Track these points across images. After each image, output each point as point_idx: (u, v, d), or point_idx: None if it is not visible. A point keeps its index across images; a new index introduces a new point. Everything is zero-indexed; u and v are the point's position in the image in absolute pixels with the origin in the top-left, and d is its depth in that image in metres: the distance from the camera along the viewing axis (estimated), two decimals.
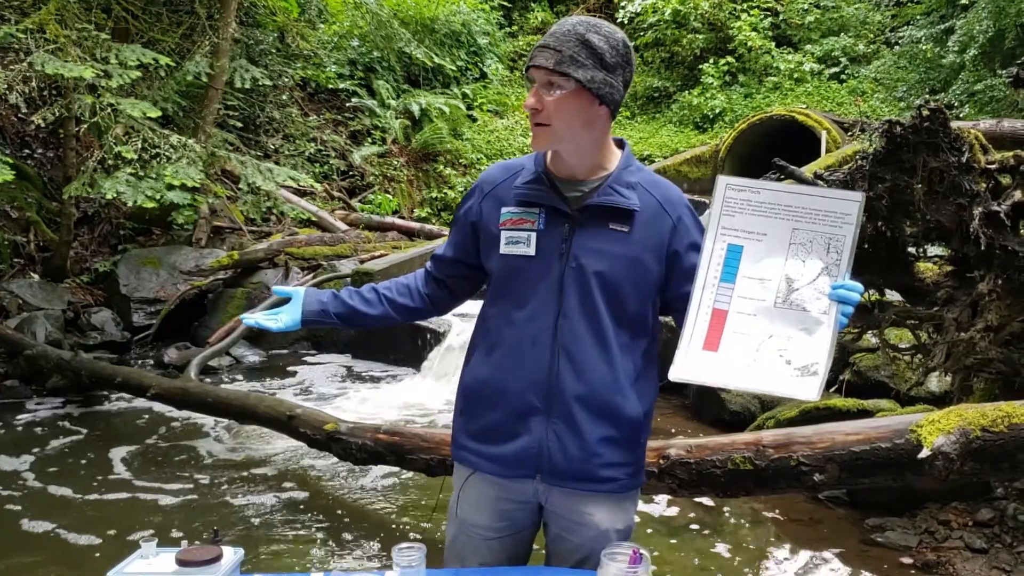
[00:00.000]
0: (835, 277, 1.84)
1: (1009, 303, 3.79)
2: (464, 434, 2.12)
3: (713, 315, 1.87)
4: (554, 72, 1.90)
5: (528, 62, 1.95)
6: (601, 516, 2.04)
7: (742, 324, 1.85)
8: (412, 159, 13.25)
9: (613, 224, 1.98)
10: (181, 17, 10.34)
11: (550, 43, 1.92)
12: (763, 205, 1.88)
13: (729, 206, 1.89)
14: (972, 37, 10.91)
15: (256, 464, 5.52)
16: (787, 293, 1.85)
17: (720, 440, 3.41)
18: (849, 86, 13.66)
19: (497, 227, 2.05)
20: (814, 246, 1.85)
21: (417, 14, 14.26)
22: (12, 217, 9.09)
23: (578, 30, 1.92)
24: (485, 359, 2.08)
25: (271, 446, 5.79)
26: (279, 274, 9.24)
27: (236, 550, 2.09)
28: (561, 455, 1.99)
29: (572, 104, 1.92)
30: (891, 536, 4.26)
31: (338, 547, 4.33)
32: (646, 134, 14.33)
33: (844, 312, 1.84)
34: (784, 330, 1.84)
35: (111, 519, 4.66)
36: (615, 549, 1.84)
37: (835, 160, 8.95)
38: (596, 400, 1.98)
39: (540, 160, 2.07)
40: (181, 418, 6.39)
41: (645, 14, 15.09)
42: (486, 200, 2.10)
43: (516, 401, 2.01)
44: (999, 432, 2.83)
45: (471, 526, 2.12)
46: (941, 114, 3.56)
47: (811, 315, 1.84)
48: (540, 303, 1.99)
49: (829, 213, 1.85)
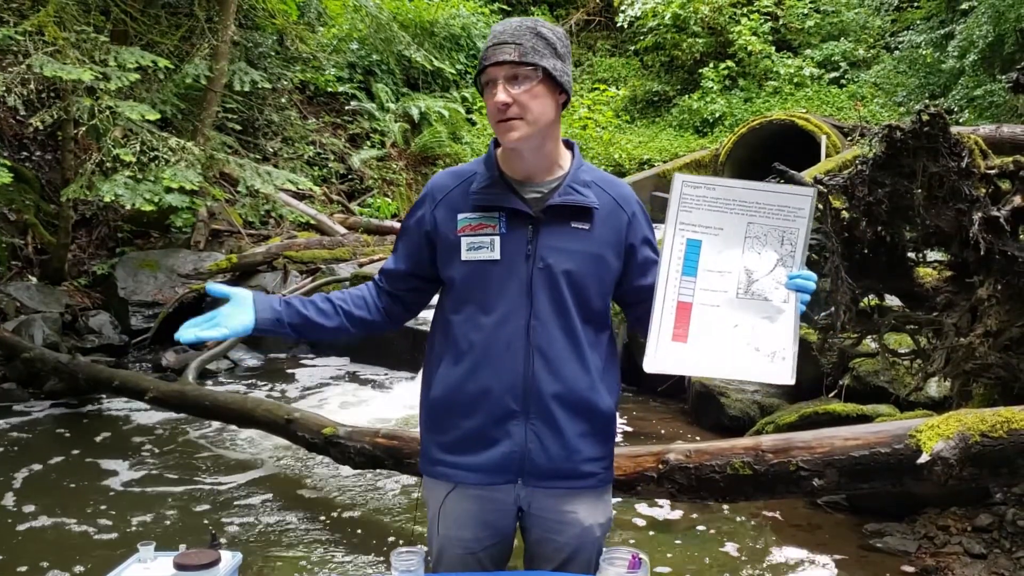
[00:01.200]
0: (790, 268, 1.95)
1: (1008, 308, 3.78)
2: (437, 448, 2.08)
3: (678, 308, 1.95)
4: (521, 64, 1.90)
5: (484, 62, 1.94)
6: (584, 512, 2.06)
7: (707, 315, 1.95)
8: (411, 162, 13.25)
9: (575, 223, 2.01)
10: (180, 20, 10.35)
11: (507, 39, 1.92)
12: (718, 201, 1.96)
13: (686, 202, 1.97)
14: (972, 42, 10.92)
15: (254, 468, 5.51)
16: (748, 284, 1.95)
17: (719, 445, 3.40)
18: (849, 91, 13.67)
19: (455, 234, 2.01)
20: (769, 239, 1.95)
21: (417, 17, 14.27)
22: (10, 220, 9.09)
23: (527, 24, 1.96)
24: (452, 368, 2.03)
25: (269, 450, 5.77)
26: (277, 277, 9.24)
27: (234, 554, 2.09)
28: (543, 456, 2.00)
29: (542, 92, 1.94)
30: (890, 541, 4.25)
31: (336, 551, 4.32)
32: (646, 138, 14.33)
33: (802, 300, 1.95)
34: (749, 319, 1.94)
35: (108, 523, 4.65)
36: (614, 554, 1.84)
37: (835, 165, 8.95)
38: (572, 398, 2.01)
39: (492, 163, 2.06)
40: (179, 422, 6.38)
41: (645, 18, 15.09)
42: (439, 208, 2.05)
43: (493, 406, 1.99)
44: (998, 437, 2.82)
45: (456, 541, 2.09)
46: (941, 119, 3.55)
47: (773, 304, 1.94)
48: (510, 306, 1.98)
49: (783, 208, 1.95)
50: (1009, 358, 3.82)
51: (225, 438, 6.10)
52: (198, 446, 5.98)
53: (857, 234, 3.83)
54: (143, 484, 5.24)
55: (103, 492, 5.11)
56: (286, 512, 4.81)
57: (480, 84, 1.98)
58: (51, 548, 4.35)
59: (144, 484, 5.24)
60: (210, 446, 5.98)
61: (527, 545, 2.15)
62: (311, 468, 5.44)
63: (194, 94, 10.07)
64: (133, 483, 5.27)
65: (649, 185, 11.72)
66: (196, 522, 4.66)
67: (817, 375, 5.46)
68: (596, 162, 12.93)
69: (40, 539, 4.46)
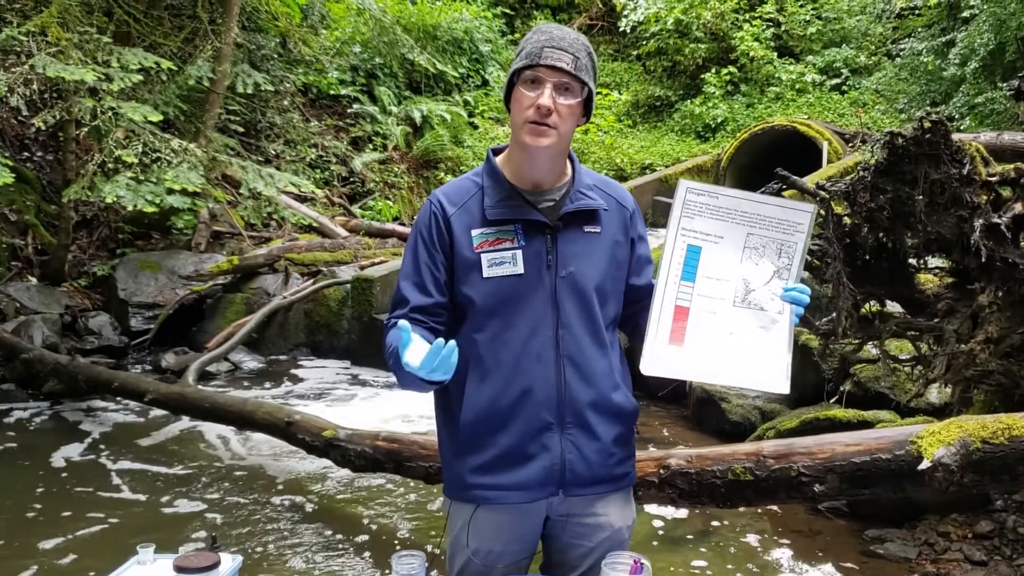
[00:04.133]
0: (786, 280, 1.99)
1: (1009, 315, 3.79)
2: (471, 472, 1.99)
3: (676, 311, 1.97)
4: (574, 77, 1.89)
5: (536, 60, 1.88)
6: (614, 515, 2.07)
7: (704, 321, 1.97)
8: (413, 166, 13.25)
9: (587, 227, 2.02)
10: (183, 21, 10.37)
11: (565, 47, 1.89)
12: (720, 210, 1.99)
13: (689, 209, 1.99)
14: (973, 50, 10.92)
15: (254, 470, 5.50)
16: (745, 293, 1.98)
17: (720, 450, 3.40)
18: (850, 97, 13.68)
19: (472, 251, 1.96)
20: (766, 250, 1.99)
21: (420, 21, 14.27)
22: (10, 220, 9.08)
23: (582, 39, 1.95)
24: (480, 386, 1.97)
25: (269, 452, 5.77)
26: (278, 279, 9.23)
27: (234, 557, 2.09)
28: (583, 464, 2.00)
29: (577, 111, 1.95)
30: (890, 548, 4.24)
31: (337, 554, 4.31)
32: (648, 143, 14.33)
33: (797, 313, 1.98)
34: (744, 328, 1.97)
35: (107, 525, 4.65)
36: (616, 558, 1.83)
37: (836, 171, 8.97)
38: (605, 402, 2.01)
39: (498, 175, 2.01)
40: (178, 424, 6.37)
41: (648, 23, 15.11)
42: (452, 227, 1.98)
43: (530, 419, 1.96)
44: (999, 444, 2.82)
45: (485, 554, 2.02)
46: (943, 126, 3.56)
47: (768, 314, 1.98)
48: (537, 318, 1.95)
49: (783, 221, 1.99)
50: (1010, 365, 3.83)
51: (225, 440, 6.10)
52: (198, 448, 5.98)
53: (859, 240, 3.83)
54: (142, 485, 5.23)
55: (102, 493, 5.11)
56: (287, 514, 4.80)
57: (515, 74, 1.92)
58: (49, 550, 4.34)
59: (144, 485, 5.23)
60: (211, 448, 5.98)
61: (550, 553, 2.12)
62: (311, 471, 5.43)
63: (196, 96, 10.07)
64: (132, 484, 5.26)
65: (651, 189, 11.74)
66: (196, 524, 4.65)
67: (818, 381, 5.46)
68: (598, 166, 12.94)
69: (37, 540, 4.45)
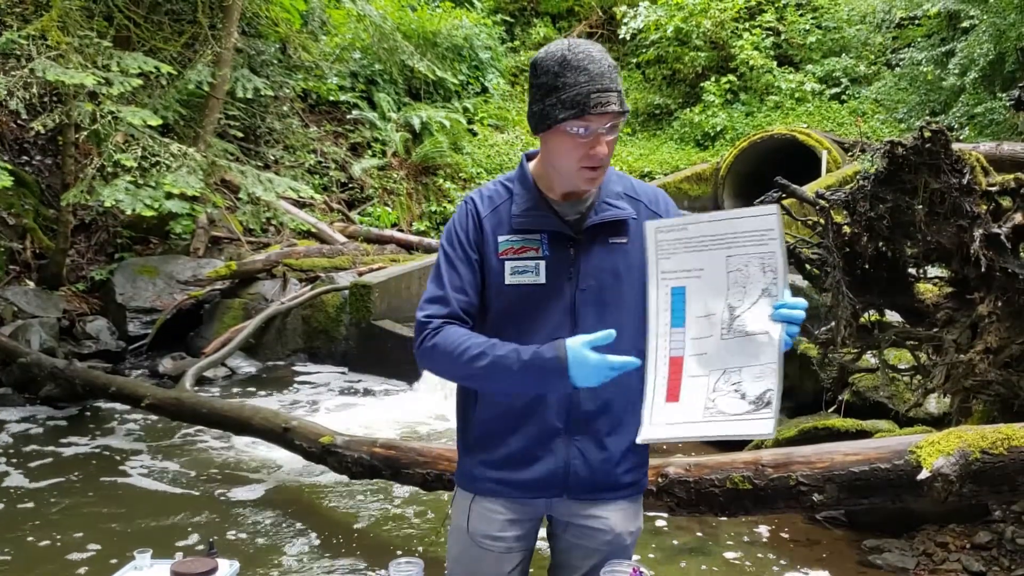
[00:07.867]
0: (776, 296, 1.80)
1: (1009, 325, 3.79)
2: (482, 466, 2.05)
3: (671, 364, 1.84)
4: (621, 114, 1.87)
5: (587, 109, 1.81)
6: (616, 520, 2.05)
7: (697, 367, 1.82)
8: (412, 172, 13.25)
9: (612, 239, 1.99)
10: (183, 26, 10.37)
11: (609, 85, 1.83)
12: (692, 240, 1.85)
13: (663, 249, 1.86)
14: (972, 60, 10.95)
15: (252, 476, 5.49)
16: (730, 322, 1.82)
17: (719, 459, 3.39)
18: (850, 106, 13.70)
19: (497, 257, 1.97)
20: (751, 268, 1.82)
21: (420, 28, 14.29)
22: (9, 224, 9.08)
23: (609, 60, 1.88)
24: None
25: (267, 458, 5.75)
26: (276, 285, 9.22)
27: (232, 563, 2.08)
28: (587, 471, 1.99)
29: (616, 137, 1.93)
30: (888, 558, 4.23)
31: (334, 561, 4.30)
32: (647, 151, 14.35)
33: (790, 332, 1.80)
34: (734, 362, 1.81)
35: (104, 530, 4.63)
36: (616, 566, 1.82)
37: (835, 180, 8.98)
38: (616, 412, 1.99)
39: (530, 183, 2.01)
40: (175, 429, 6.36)
41: (647, 31, 15.14)
42: (483, 231, 1.99)
43: (541, 424, 1.97)
44: (998, 454, 2.82)
45: (482, 538, 2.06)
46: (943, 136, 3.56)
47: (755, 340, 1.80)
48: (553, 328, 1.94)
49: (753, 232, 1.82)
50: (1009, 375, 3.82)
51: (224, 445, 6.09)
52: (195, 453, 5.96)
53: (858, 249, 3.83)
54: (139, 490, 5.22)
55: (99, 498, 5.09)
56: (285, 520, 4.79)
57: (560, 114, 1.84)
58: (46, 554, 4.33)
59: (140, 490, 5.22)
60: (208, 453, 5.96)
61: (554, 553, 2.14)
62: (312, 476, 5.42)
63: (196, 100, 10.08)
64: (129, 489, 5.25)
65: None
66: (193, 530, 4.64)
67: (817, 390, 5.45)
68: None
69: (35, 545, 4.44)
